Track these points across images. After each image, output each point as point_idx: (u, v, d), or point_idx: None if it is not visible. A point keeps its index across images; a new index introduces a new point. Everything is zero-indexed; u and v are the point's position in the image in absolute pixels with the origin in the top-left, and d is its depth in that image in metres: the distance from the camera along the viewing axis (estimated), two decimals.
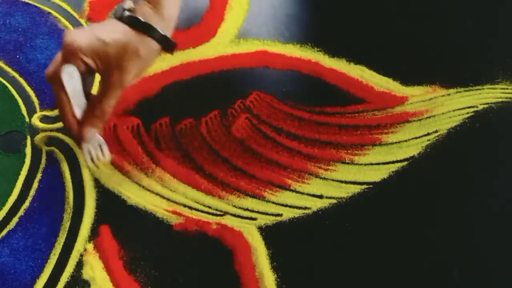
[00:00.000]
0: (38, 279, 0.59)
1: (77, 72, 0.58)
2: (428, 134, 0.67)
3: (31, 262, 0.60)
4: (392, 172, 0.64)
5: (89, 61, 0.58)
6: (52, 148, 0.67)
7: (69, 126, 0.62)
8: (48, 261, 0.60)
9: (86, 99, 0.61)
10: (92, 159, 0.63)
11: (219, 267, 0.59)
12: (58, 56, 0.59)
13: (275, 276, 0.58)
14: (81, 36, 0.57)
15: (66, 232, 0.61)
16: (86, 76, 0.60)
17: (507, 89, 0.70)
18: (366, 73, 0.72)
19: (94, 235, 0.61)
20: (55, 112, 0.70)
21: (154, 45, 0.60)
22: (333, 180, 0.64)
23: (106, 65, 0.58)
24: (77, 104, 0.60)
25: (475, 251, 0.60)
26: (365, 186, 0.63)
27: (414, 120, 0.68)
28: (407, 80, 0.71)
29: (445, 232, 0.60)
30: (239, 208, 0.63)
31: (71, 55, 0.57)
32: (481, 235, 0.61)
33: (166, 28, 0.60)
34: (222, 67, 0.73)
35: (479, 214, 0.62)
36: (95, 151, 0.63)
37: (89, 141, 0.62)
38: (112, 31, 0.58)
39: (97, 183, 0.65)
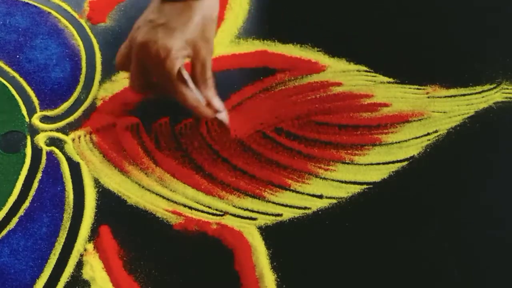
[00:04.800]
0: (38, 279, 0.59)
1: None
2: (428, 134, 0.67)
3: (31, 262, 0.60)
4: (392, 172, 0.64)
5: (185, 54, 0.61)
6: (52, 148, 0.67)
7: (205, 113, 0.64)
8: (48, 261, 0.60)
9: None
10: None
11: (219, 267, 0.59)
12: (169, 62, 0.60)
13: (275, 276, 0.58)
14: (172, 43, 0.60)
15: (66, 232, 0.61)
16: None
17: (507, 89, 0.70)
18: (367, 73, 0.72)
19: (94, 235, 0.61)
20: (55, 112, 0.70)
21: (213, 1, 0.63)
22: (333, 180, 0.64)
23: (194, 47, 0.61)
24: (197, 92, 0.64)
25: (475, 251, 0.60)
26: (365, 186, 0.63)
27: (414, 120, 0.68)
28: (407, 80, 0.71)
29: (445, 232, 0.60)
30: (239, 208, 0.63)
31: (175, 60, 0.60)
32: (481, 235, 0.61)
33: None
34: (222, 67, 0.73)
35: (479, 214, 0.62)
36: (225, 113, 0.67)
37: (222, 107, 0.66)
38: (183, 17, 0.61)
39: (97, 183, 0.65)
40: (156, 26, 0.61)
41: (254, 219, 0.62)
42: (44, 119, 0.69)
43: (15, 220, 0.62)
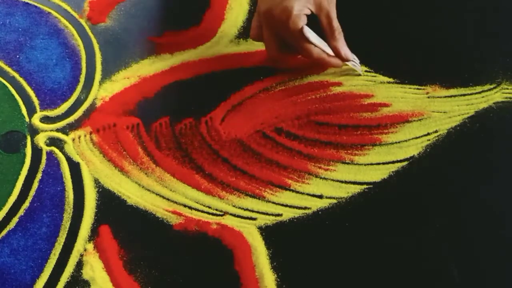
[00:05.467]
0: (38, 279, 0.59)
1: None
2: (428, 134, 0.67)
3: (31, 262, 0.60)
4: (392, 172, 0.64)
5: (307, 11, 0.66)
6: (52, 148, 0.67)
7: (331, 64, 0.69)
8: (48, 261, 0.60)
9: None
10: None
11: (219, 267, 0.59)
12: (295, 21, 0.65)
13: (275, 276, 0.58)
14: (291, 4, 0.65)
15: (66, 232, 0.61)
16: None
17: (507, 89, 0.70)
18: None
19: (94, 235, 0.61)
20: (55, 112, 0.70)
21: None
22: (333, 180, 0.64)
23: (315, 2, 0.66)
24: (324, 45, 0.68)
25: (475, 251, 0.60)
26: (365, 186, 0.63)
27: (414, 120, 0.68)
28: (407, 80, 0.71)
29: (444, 232, 0.60)
30: (239, 208, 0.63)
31: (297, 19, 0.65)
32: (481, 235, 0.60)
33: None
34: (222, 67, 0.73)
35: (479, 214, 0.62)
36: (357, 60, 0.71)
37: (351, 56, 0.70)
38: None
39: (97, 183, 0.65)
40: None
41: (254, 219, 0.62)
42: (44, 119, 0.69)
43: (15, 220, 0.62)
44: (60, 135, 0.68)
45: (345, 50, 0.68)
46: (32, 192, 0.64)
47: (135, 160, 0.66)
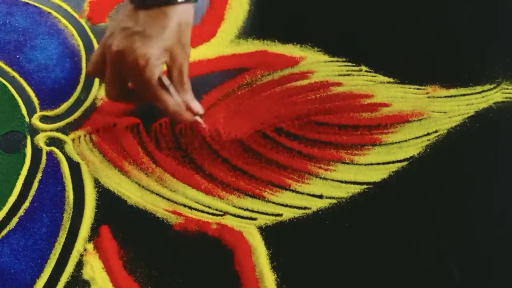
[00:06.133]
0: (38, 279, 0.59)
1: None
2: (428, 134, 0.67)
3: (31, 262, 0.60)
4: (392, 172, 0.64)
5: (163, 61, 0.61)
6: (52, 148, 0.67)
7: (185, 118, 0.64)
8: (48, 261, 0.60)
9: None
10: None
11: (219, 267, 0.59)
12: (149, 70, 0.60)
13: (275, 276, 0.58)
14: (150, 51, 0.60)
15: (66, 232, 0.61)
16: None
17: (507, 89, 0.70)
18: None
19: (94, 235, 0.61)
20: (55, 112, 0.70)
21: (187, 7, 0.62)
22: (333, 180, 0.64)
23: (171, 53, 0.61)
24: (178, 97, 0.63)
25: (475, 251, 0.60)
26: (365, 186, 0.63)
27: (414, 120, 0.68)
28: (407, 80, 0.71)
29: (445, 232, 0.61)
30: (239, 208, 0.63)
31: (154, 68, 0.60)
32: (481, 235, 0.61)
33: None
34: (222, 67, 0.73)
35: (479, 214, 0.62)
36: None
37: (200, 110, 0.65)
38: (159, 25, 0.60)
39: (97, 183, 0.65)
40: (132, 34, 0.60)
41: (254, 219, 0.62)
42: (44, 119, 0.69)
43: (15, 220, 0.62)
44: (60, 135, 0.68)
45: (194, 104, 0.64)
46: (32, 192, 0.64)
47: (135, 160, 0.66)
